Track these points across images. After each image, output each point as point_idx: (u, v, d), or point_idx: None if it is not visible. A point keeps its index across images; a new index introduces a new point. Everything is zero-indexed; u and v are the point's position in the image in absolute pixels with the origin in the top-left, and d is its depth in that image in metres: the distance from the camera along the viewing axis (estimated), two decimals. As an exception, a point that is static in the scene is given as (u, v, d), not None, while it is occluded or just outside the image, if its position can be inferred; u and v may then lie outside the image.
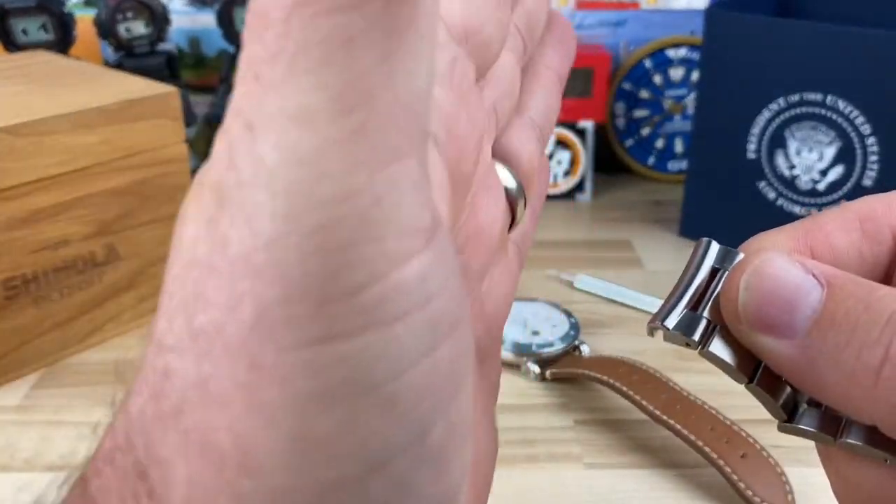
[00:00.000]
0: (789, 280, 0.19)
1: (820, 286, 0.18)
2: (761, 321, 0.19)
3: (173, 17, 0.87)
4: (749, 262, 0.20)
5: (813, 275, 0.19)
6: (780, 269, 0.19)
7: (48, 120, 0.55)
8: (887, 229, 0.21)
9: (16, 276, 0.56)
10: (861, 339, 0.17)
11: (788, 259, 0.19)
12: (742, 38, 0.69)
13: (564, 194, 0.89)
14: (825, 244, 0.21)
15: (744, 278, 0.19)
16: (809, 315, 0.18)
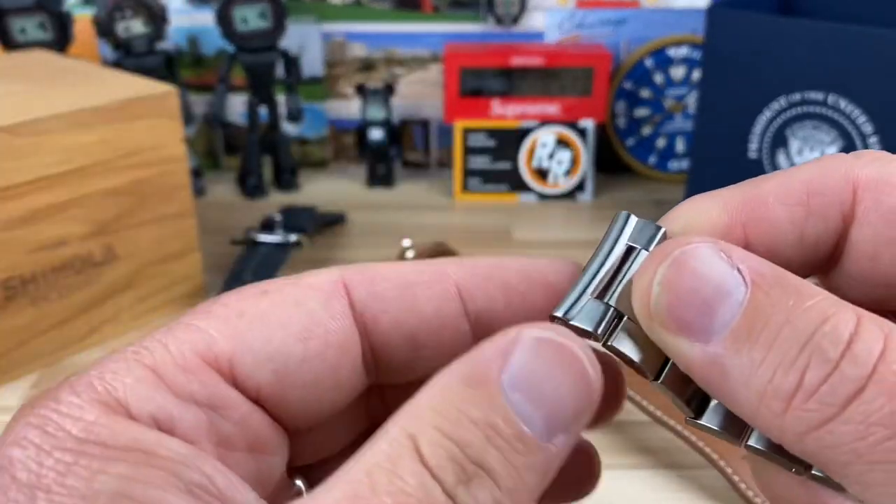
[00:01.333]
0: (710, 277, 0.16)
1: (744, 285, 0.16)
2: (674, 322, 0.17)
3: (172, 17, 0.87)
4: (667, 250, 0.17)
5: (738, 270, 0.16)
6: (701, 263, 0.17)
7: (46, 119, 0.55)
8: (836, 208, 0.18)
9: (14, 276, 0.55)
10: (777, 359, 0.16)
11: (712, 249, 0.17)
12: (743, 36, 0.69)
13: (565, 194, 0.89)
14: (762, 218, 0.19)
15: (659, 271, 0.17)
16: (728, 320, 0.16)
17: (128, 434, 0.15)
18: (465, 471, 0.15)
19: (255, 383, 0.18)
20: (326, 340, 0.18)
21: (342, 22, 0.92)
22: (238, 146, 0.96)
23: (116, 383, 0.16)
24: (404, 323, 0.19)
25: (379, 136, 0.90)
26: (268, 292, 0.18)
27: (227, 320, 0.18)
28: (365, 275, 0.19)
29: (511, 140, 0.88)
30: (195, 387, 0.17)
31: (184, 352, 0.17)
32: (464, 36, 0.93)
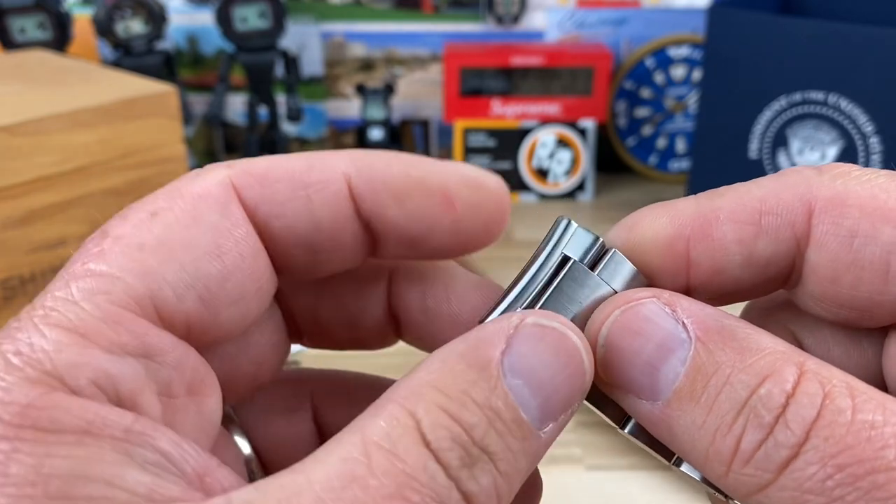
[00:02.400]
0: (653, 335, 0.16)
1: (688, 340, 0.16)
2: (621, 382, 0.17)
3: (171, 16, 0.87)
4: (608, 310, 0.17)
5: (683, 324, 0.16)
6: (643, 322, 0.17)
7: (45, 119, 0.55)
8: (789, 229, 0.17)
9: (13, 276, 0.55)
10: (716, 422, 0.16)
11: (655, 304, 0.17)
12: (744, 36, 0.69)
13: (565, 194, 0.89)
14: (707, 235, 0.18)
15: (601, 333, 0.17)
16: (672, 379, 0.16)
17: (69, 414, 0.14)
18: (470, 454, 0.15)
19: (182, 318, 0.16)
20: (239, 251, 0.17)
21: (342, 22, 0.92)
22: (237, 146, 0.96)
23: (39, 354, 0.14)
24: (298, 227, 0.18)
25: (379, 135, 0.90)
26: (157, 213, 0.17)
27: (130, 256, 0.16)
28: (254, 175, 0.17)
29: (511, 140, 0.88)
30: (125, 338, 0.15)
31: (99, 304, 0.15)
32: (464, 36, 0.92)
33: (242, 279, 0.17)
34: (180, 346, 0.16)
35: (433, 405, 0.15)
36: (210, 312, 0.16)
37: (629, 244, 0.19)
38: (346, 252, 0.18)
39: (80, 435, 0.13)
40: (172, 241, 0.16)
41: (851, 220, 0.17)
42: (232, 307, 0.17)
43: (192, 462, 0.14)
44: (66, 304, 0.15)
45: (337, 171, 0.18)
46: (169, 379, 0.16)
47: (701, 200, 0.18)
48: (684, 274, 0.18)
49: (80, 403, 0.14)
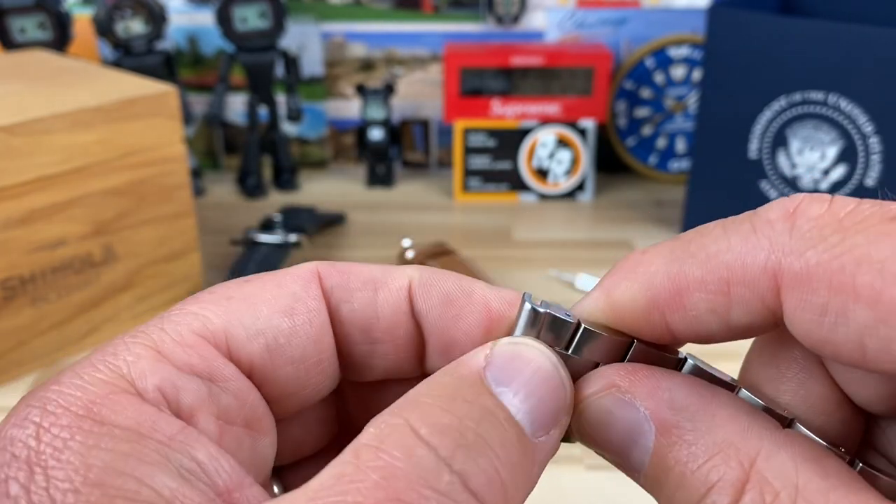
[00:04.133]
0: (618, 427, 0.17)
1: (650, 429, 0.17)
2: (604, 455, 0.18)
3: (171, 16, 0.87)
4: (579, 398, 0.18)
5: (644, 414, 0.17)
6: (607, 415, 0.18)
7: (45, 119, 0.55)
8: (759, 302, 0.17)
9: (13, 276, 0.55)
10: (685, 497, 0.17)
11: (613, 398, 0.18)
12: (744, 36, 0.69)
13: (565, 194, 0.89)
14: (681, 306, 0.18)
15: (574, 423, 0.18)
16: (641, 462, 0.17)
17: (127, 412, 0.16)
18: (465, 436, 0.15)
19: (248, 357, 0.18)
20: (309, 317, 0.19)
21: (342, 22, 0.92)
22: (238, 146, 0.96)
23: (119, 362, 0.17)
24: (361, 314, 0.20)
25: (379, 135, 0.90)
26: (251, 280, 0.20)
27: (218, 303, 0.19)
28: (336, 267, 0.20)
29: (511, 140, 0.88)
30: (194, 360, 0.17)
31: (180, 331, 0.18)
32: (464, 36, 0.92)
33: (306, 342, 0.19)
34: (243, 380, 0.18)
35: (424, 405, 0.16)
36: (273, 362, 0.19)
37: (609, 310, 0.19)
38: (400, 348, 0.20)
39: (129, 433, 0.15)
40: (255, 296, 0.19)
41: (820, 297, 0.16)
42: (291, 366, 0.19)
43: (224, 476, 0.16)
44: (153, 329, 0.18)
45: (403, 275, 0.20)
46: (228, 405, 0.18)
47: (672, 265, 0.18)
48: (668, 335, 0.18)
49: (137, 406, 0.16)
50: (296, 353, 0.19)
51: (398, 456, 0.15)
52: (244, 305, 0.19)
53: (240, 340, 0.18)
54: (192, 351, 0.17)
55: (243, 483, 0.16)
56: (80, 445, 0.15)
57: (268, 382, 0.19)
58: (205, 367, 0.17)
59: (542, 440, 0.17)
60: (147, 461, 0.15)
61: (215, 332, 0.18)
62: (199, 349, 0.18)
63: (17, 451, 0.15)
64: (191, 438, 0.16)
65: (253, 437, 0.18)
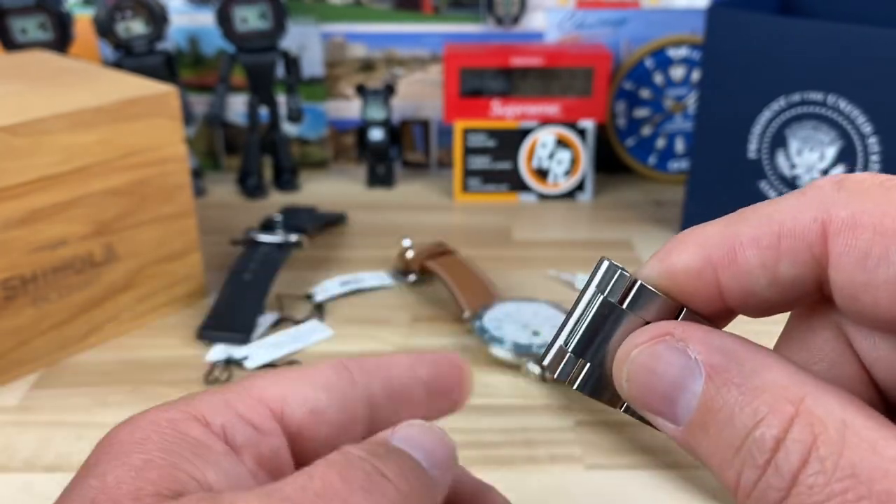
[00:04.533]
0: (666, 373, 0.18)
1: (700, 375, 0.18)
2: (646, 409, 0.19)
3: (172, 17, 0.87)
4: (628, 348, 0.19)
5: (696, 360, 0.18)
6: (657, 361, 0.19)
7: (46, 119, 0.55)
8: (807, 252, 0.18)
9: (14, 276, 0.55)
10: (721, 456, 0.17)
11: (666, 344, 0.19)
12: (743, 36, 0.69)
13: (565, 194, 0.89)
14: (732, 262, 0.19)
15: (624, 369, 0.19)
16: (687, 410, 0.18)
17: (195, 431, 0.21)
18: (377, 452, 0.21)
19: (294, 420, 0.23)
20: (341, 394, 0.24)
21: (342, 22, 0.92)
22: (238, 146, 0.96)
23: (201, 403, 0.23)
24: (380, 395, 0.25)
25: (379, 136, 0.90)
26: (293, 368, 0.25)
27: (275, 378, 0.24)
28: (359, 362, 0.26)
29: (511, 140, 0.88)
30: (252, 414, 0.23)
31: (247, 392, 0.23)
32: (464, 36, 0.93)
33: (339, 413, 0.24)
34: (282, 440, 0.23)
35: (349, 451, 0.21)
36: (314, 423, 0.24)
37: (663, 275, 0.20)
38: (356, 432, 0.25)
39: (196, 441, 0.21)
40: (305, 376, 0.24)
41: (864, 240, 0.17)
42: (328, 427, 0.24)
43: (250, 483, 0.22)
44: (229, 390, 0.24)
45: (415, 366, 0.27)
46: (266, 454, 0.23)
47: (728, 226, 0.19)
48: (718, 297, 0.20)
49: (205, 430, 0.22)
50: (332, 419, 0.24)
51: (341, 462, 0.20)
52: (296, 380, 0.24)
53: (290, 405, 0.24)
54: (252, 408, 0.23)
55: None
56: (159, 438, 0.21)
57: (310, 439, 0.24)
58: (258, 421, 0.23)
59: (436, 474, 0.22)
60: (204, 458, 0.21)
61: (271, 398, 0.23)
62: (257, 408, 0.23)
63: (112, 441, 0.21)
64: (237, 460, 0.22)
65: None
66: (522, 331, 0.59)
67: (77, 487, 0.20)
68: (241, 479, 0.21)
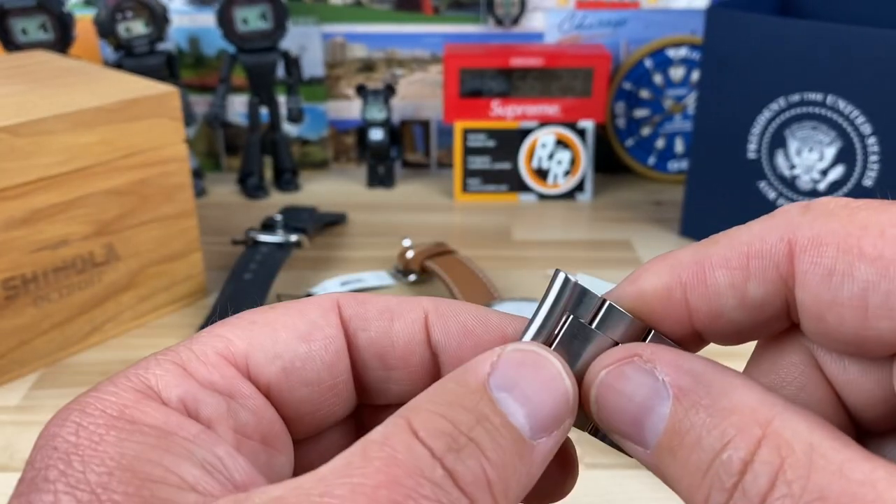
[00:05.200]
0: (636, 394, 0.18)
1: (668, 397, 0.18)
2: (614, 431, 0.19)
3: (173, 17, 0.87)
4: (596, 370, 0.19)
5: (663, 381, 0.18)
6: (625, 382, 0.18)
7: (47, 120, 0.55)
8: (774, 271, 0.18)
9: (15, 276, 0.56)
10: (689, 480, 0.17)
11: (634, 366, 0.18)
12: (743, 37, 0.69)
13: (564, 194, 0.89)
14: (701, 282, 0.19)
15: (592, 391, 0.19)
16: (655, 433, 0.18)
17: (155, 415, 0.18)
18: (457, 441, 0.16)
19: (265, 377, 0.20)
20: (325, 344, 0.20)
21: (343, 23, 0.93)
22: (239, 147, 0.96)
23: (148, 375, 0.19)
24: (378, 342, 0.21)
25: (379, 136, 0.90)
26: (275, 307, 0.21)
27: (242, 327, 0.20)
28: (356, 298, 0.22)
29: (511, 140, 0.88)
30: (215, 377, 0.19)
31: (205, 351, 0.19)
32: (463, 37, 0.93)
33: (321, 367, 0.20)
34: (260, 398, 0.20)
35: (425, 411, 0.17)
36: (288, 383, 0.20)
37: (634, 297, 0.20)
38: (414, 374, 0.22)
39: (157, 430, 0.17)
40: (276, 322, 0.20)
41: (828, 258, 0.17)
42: (306, 388, 0.20)
43: (242, 473, 0.18)
44: (182, 348, 0.20)
45: (418, 307, 0.21)
46: (245, 420, 0.19)
47: (698, 248, 0.19)
48: (687, 320, 0.20)
49: (163, 410, 0.18)
50: (311, 376, 0.20)
51: (399, 449, 0.16)
52: (266, 330, 0.20)
53: (259, 362, 0.20)
54: (214, 370, 0.19)
55: (257, 481, 0.17)
56: (115, 438, 0.17)
57: (284, 403, 0.20)
58: (225, 385, 0.19)
59: (541, 441, 0.18)
60: (173, 453, 0.17)
61: (237, 354, 0.20)
62: (220, 368, 0.19)
63: (58, 444, 0.17)
64: (212, 438, 0.18)
65: (269, 452, 0.20)
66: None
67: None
68: (225, 461, 0.17)
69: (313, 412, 0.21)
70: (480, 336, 0.21)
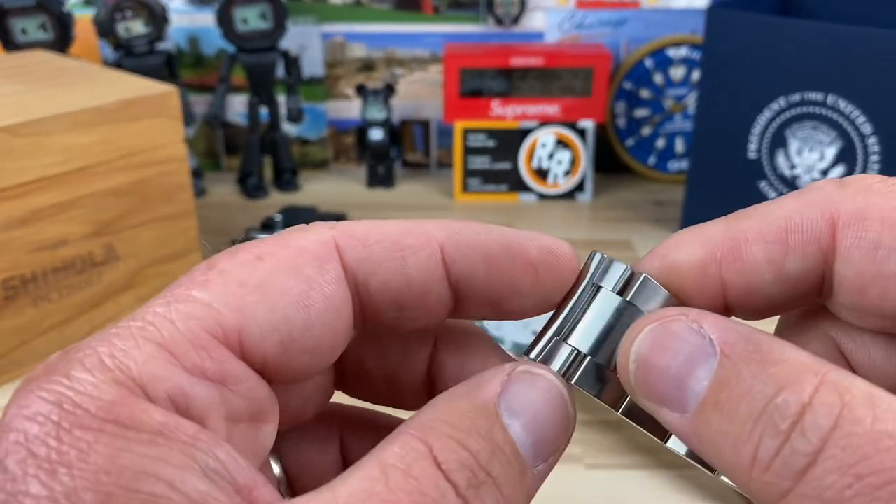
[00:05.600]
0: (680, 351, 0.17)
1: (714, 354, 0.17)
2: (652, 395, 0.18)
3: (172, 17, 0.87)
4: (640, 326, 0.18)
5: (710, 339, 0.17)
6: (671, 338, 0.17)
7: (47, 120, 0.55)
8: (815, 245, 0.18)
9: (14, 276, 0.55)
10: (737, 432, 0.16)
11: (682, 323, 0.18)
12: (743, 37, 0.69)
13: (565, 194, 0.89)
14: (737, 258, 0.19)
15: (633, 349, 0.18)
16: (698, 391, 0.17)
17: (147, 416, 0.15)
18: (477, 476, 0.16)
19: (262, 354, 0.18)
20: (325, 306, 0.18)
21: (342, 22, 0.92)
22: (238, 146, 0.96)
23: (129, 362, 0.16)
24: (391, 285, 0.19)
25: (379, 136, 0.90)
26: (262, 258, 0.18)
27: (229, 290, 0.17)
28: (356, 236, 0.19)
29: (511, 140, 0.88)
30: (207, 363, 0.17)
31: (192, 327, 0.17)
32: (464, 36, 0.93)
33: (321, 333, 0.18)
34: (254, 378, 0.18)
35: (443, 434, 0.16)
36: (286, 356, 0.18)
37: (664, 271, 0.19)
38: (431, 311, 0.20)
39: (155, 435, 0.15)
40: (269, 284, 0.18)
41: (874, 232, 0.17)
42: (305, 355, 0.18)
43: (244, 475, 0.16)
44: (163, 321, 0.17)
45: (431, 237, 0.19)
46: (238, 407, 0.17)
47: (729, 223, 0.19)
48: (720, 296, 0.19)
49: (156, 410, 0.15)
50: (310, 344, 0.18)
51: (425, 483, 0.15)
52: (258, 297, 0.17)
53: (253, 339, 0.17)
54: (206, 353, 0.17)
55: (258, 481, 0.16)
56: (107, 448, 0.15)
57: (279, 375, 0.18)
58: (216, 371, 0.17)
59: (539, 469, 0.17)
60: (174, 464, 0.15)
61: (228, 330, 0.17)
62: (211, 351, 0.17)
63: (36, 449, 0.14)
64: (211, 439, 0.16)
65: (256, 427, 0.18)
66: (522, 330, 0.59)
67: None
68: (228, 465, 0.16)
69: (307, 373, 0.19)
70: (503, 264, 0.20)
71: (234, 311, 0.17)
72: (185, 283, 0.18)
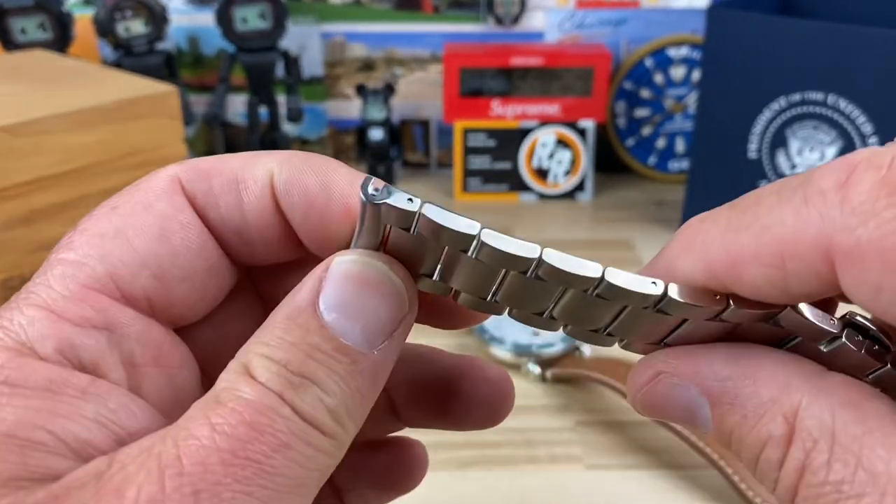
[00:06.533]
0: (676, 407, 0.19)
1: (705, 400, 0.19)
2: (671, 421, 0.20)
3: (172, 17, 0.87)
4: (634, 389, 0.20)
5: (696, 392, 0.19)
6: (664, 399, 0.19)
7: (46, 119, 0.55)
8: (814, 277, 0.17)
9: (14, 276, 0.55)
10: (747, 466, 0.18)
11: (666, 383, 0.19)
12: (743, 36, 0.69)
13: (565, 194, 0.89)
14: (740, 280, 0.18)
15: (638, 400, 0.20)
16: (707, 424, 0.19)
17: (37, 374, 0.16)
18: (291, 382, 0.17)
19: (141, 293, 0.19)
20: (184, 234, 0.19)
21: (342, 22, 0.92)
22: (238, 146, 0.96)
23: (16, 328, 0.17)
24: (231, 218, 0.20)
25: (379, 136, 0.90)
26: (116, 207, 0.19)
27: (92, 244, 0.19)
28: (199, 171, 0.20)
29: (511, 140, 0.88)
30: (89, 313, 0.18)
31: (68, 285, 0.18)
32: (464, 36, 0.93)
33: (190, 257, 0.19)
34: (142, 320, 0.19)
35: (258, 356, 0.17)
36: (165, 288, 0.19)
37: None
38: (276, 243, 0.20)
39: (42, 391, 0.16)
40: (127, 228, 0.19)
41: (874, 274, 0.16)
42: (184, 283, 0.19)
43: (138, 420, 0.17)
44: (41, 287, 0.18)
45: (264, 170, 0.20)
46: (131, 349, 0.18)
47: (727, 236, 0.18)
48: None
49: (46, 366, 0.17)
50: (184, 271, 0.19)
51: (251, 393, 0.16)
52: (119, 242, 0.19)
53: (126, 280, 0.18)
54: (85, 304, 0.18)
55: (156, 423, 0.17)
56: None
57: (167, 306, 0.19)
58: (101, 319, 0.18)
59: (383, 346, 0.18)
60: (60, 414, 0.16)
61: (101, 280, 0.18)
62: (90, 301, 0.18)
63: None
64: (102, 389, 0.17)
65: (167, 373, 0.19)
66: (522, 331, 0.59)
67: None
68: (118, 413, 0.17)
69: (201, 298, 0.20)
70: (323, 208, 0.20)
71: (100, 261, 0.18)
72: (56, 250, 0.19)
